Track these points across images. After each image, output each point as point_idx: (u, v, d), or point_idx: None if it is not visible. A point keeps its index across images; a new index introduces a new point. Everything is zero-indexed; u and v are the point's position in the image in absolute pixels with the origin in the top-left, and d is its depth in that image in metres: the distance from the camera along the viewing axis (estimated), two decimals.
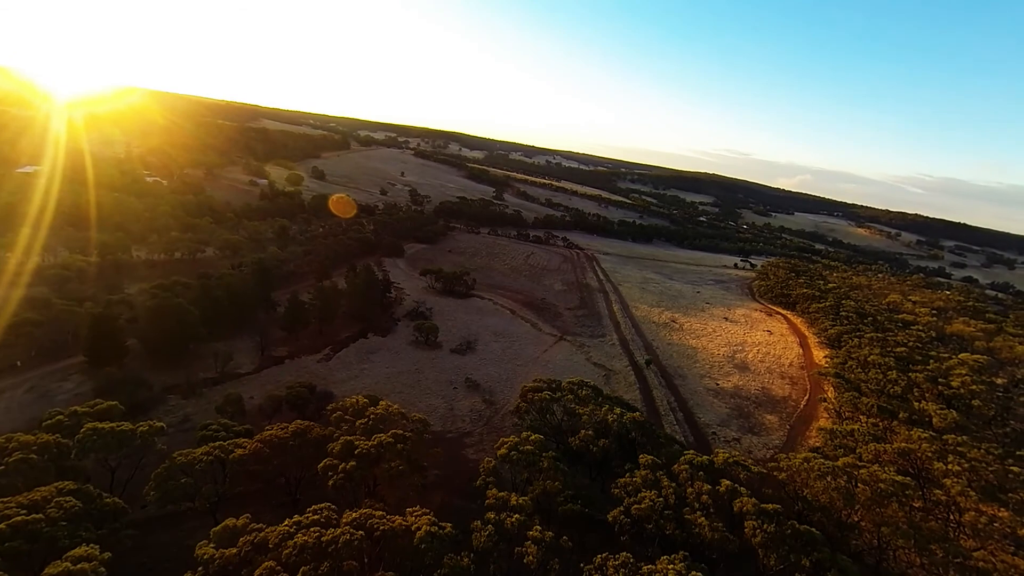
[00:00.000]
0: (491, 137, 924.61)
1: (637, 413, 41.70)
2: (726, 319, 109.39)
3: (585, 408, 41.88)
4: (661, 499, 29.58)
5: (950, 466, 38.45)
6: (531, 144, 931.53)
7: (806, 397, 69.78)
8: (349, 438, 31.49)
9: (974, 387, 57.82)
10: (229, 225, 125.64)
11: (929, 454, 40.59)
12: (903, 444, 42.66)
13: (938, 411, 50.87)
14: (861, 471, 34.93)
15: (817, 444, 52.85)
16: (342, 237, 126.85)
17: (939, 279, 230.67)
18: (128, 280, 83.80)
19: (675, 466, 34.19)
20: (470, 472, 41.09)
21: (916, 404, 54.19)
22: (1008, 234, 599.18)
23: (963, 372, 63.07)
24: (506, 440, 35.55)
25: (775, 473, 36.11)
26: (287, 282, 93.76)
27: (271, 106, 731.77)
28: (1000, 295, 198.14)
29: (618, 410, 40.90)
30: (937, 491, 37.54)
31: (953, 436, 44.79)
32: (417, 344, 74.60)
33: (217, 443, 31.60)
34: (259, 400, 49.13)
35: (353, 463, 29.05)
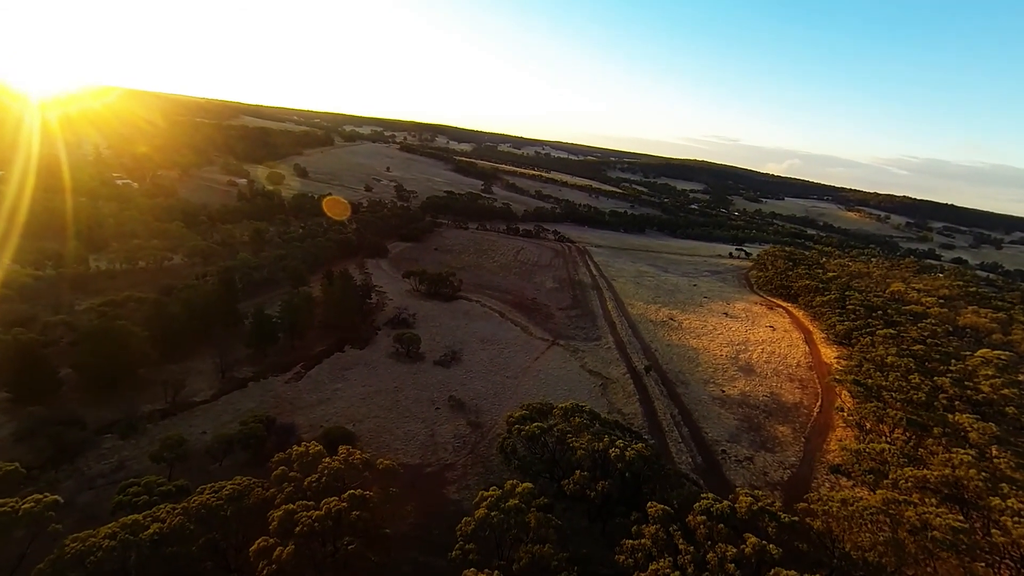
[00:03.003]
0: (479, 129, 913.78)
1: (641, 445, 36.20)
2: (726, 315, 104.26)
3: (580, 440, 36.27)
4: (677, 572, 24.23)
5: (1008, 502, 33.46)
6: (520, 135, 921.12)
7: (818, 403, 64.74)
8: (291, 507, 25.61)
9: (1005, 391, 53.13)
10: (201, 229, 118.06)
11: (979, 483, 35.54)
12: (945, 471, 37.56)
13: (974, 424, 45.98)
14: (907, 512, 29.82)
15: (838, 462, 47.85)
16: (321, 239, 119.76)
17: (931, 261, 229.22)
18: (82, 295, 76.63)
19: (690, 517, 28.75)
20: (451, 518, 35.47)
21: (949, 417, 49.07)
22: (992, 213, 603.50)
23: (989, 373, 58.32)
24: (487, 494, 29.74)
25: (808, 519, 30.87)
26: (260, 290, 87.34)
27: (252, 103, 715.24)
28: (991, 276, 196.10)
29: (620, 442, 35.36)
30: (995, 530, 32.61)
31: (998, 453, 39.74)
32: (398, 356, 68.55)
33: (131, 517, 25.51)
34: (211, 436, 43.01)
35: (292, 547, 23.24)
